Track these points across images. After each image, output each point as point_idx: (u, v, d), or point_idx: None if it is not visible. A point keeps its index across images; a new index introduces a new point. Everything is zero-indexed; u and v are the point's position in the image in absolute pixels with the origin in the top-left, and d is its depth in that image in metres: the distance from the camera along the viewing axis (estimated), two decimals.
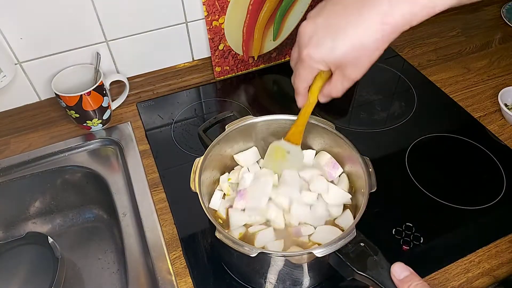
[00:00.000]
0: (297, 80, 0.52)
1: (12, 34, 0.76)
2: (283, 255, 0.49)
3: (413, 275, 0.43)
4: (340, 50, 0.45)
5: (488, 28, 1.11)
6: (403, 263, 0.44)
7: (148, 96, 0.93)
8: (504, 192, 0.72)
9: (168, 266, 0.63)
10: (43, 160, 0.80)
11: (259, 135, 0.66)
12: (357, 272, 0.46)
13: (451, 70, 0.98)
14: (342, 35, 0.44)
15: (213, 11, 0.85)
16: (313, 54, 0.47)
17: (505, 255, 0.63)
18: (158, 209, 0.71)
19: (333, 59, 0.46)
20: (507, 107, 0.85)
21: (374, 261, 0.46)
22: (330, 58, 0.46)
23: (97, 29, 0.82)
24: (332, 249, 0.46)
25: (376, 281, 0.45)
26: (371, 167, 0.56)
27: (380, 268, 0.45)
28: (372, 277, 0.45)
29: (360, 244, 0.48)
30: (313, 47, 0.47)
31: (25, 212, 0.83)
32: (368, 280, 0.46)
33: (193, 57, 0.96)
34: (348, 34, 0.44)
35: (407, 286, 0.42)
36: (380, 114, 0.87)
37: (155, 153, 0.80)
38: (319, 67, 0.48)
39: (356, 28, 0.43)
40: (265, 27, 0.92)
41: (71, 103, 0.77)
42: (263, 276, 0.54)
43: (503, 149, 0.79)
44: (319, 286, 0.60)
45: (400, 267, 0.44)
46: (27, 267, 0.75)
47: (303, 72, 0.50)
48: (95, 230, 0.86)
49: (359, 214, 0.50)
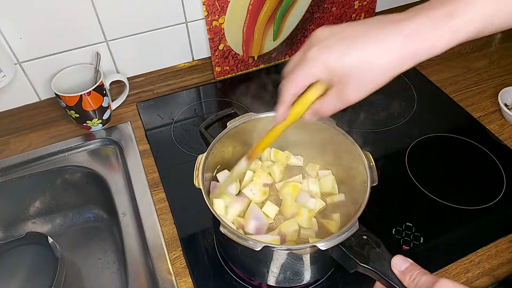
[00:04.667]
0: (288, 85, 0.45)
1: (12, 34, 0.76)
2: (287, 248, 0.49)
3: (414, 265, 0.43)
4: (351, 59, 0.41)
5: None
6: (403, 255, 0.45)
7: (148, 96, 0.93)
8: (504, 192, 0.72)
9: (168, 266, 0.63)
10: (43, 160, 0.80)
11: (260, 132, 0.66)
12: (360, 264, 0.46)
13: (451, 70, 0.98)
14: (357, 44, 0.41)
15: (213, 11, 0.85)
16: (319, 56, 0.42)
17: (505, 255, 0.63)
18: (158, 209, 0.71)
19: (340, 67, 0.41)
20: (507, 107, 0.85)
21: (376, 253, 0.47)
22: (337, 65, 0.41)
23: (97, 29, 0.82)
24: (335, 242, 0.47)
25: (379, 273, 0.45)
26: (372, 162, 0.56)
27: (383, 260, 0.46)
28: (375, 269, 0.45)
29: (362, 237, 0.48)
30: (322, 49, 0.42)
31: (25, 212, 0.83)
32: (371, 272, 0.46)
33: (193, 57, 0.96)
34: (364, 46, 0.40)
35: (409, 276, 0.43)
36: (380, 114, 0.87)
37: (155, 153, 0.80)
38: (319, 74, 0.43)
39: (374, 43, 0.40)
40: (265, 27, 0.92)
41: (71, 103, 0.77)
42: (267, 267, 0.54)
43: (503, 149, 0.79)
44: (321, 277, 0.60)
45: (400, 259, 0.45)
46: (27, 267, 0.75)
47: (299, 75, 0.44)
48: (95, 230, 0.86)
49: (361, 207, 0.50)
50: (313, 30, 0.99)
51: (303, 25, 0.97)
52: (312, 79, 0.44)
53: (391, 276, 0.44)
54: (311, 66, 0.42)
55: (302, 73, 0.43)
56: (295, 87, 0.45)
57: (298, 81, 0.44)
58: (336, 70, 0.42)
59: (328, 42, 0.42)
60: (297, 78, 0.44)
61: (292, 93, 0.45)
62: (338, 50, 0.41)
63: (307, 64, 0.43)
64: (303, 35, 0.99)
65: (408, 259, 0.44)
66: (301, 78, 0.44)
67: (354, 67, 0.41)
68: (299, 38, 0.99)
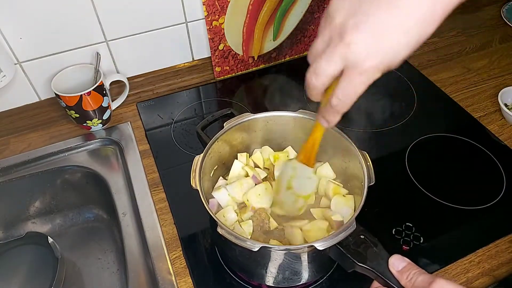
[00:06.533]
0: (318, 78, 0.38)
1: (12, 34, 0.76)
2: (285, 248, 0.49)
3: (411, 265, 0.44)
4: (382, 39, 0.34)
5: (488, 28, 1.11)
6: (400, 255, 0.45)
7: (148, 96, 0.93)
8: (504, 192, 0.71)
9: (168, 266, 0.63)
10: (43, 160, 0.80)
11: (258, 132, 0.66)
12: (358, 264, 0.47)
13: (451, 70, 0.98)
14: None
15: (213, 11, 0.85)
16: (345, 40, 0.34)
17: (505, 255, 0.63)
18: (158, 209, 0.71)
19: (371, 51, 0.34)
20: (507, 107, 0.85)
21: (374, 253, 0.47)
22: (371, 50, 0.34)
23: (97, 29, 0.82)
24: (333, 242, 0.47)
25: (377, 272, 0.45)
26: (369, 161, 0.56)
27: (380, 259, 0.46)
28: (373, 268, 0.46)
29: (360, 236, 0.48)
30: (348, 30, 0.35)
31: (25, 212, 0.83)
32: (369, 271, 0.46)
33: (193, 57, 0.96)
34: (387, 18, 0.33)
35: (406, 275, 0.43)
36: (380, 114, 0.87)
37: (155, 153, 0.80)
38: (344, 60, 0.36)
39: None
40: (265, 27, 0.92)
41: (71, 103, 0.77)
42: (265, 267, 0.54)
43: (503, 149, 0.79)
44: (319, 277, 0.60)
45: (398, 258, 0.45)
46: (27, 267, 0.75)
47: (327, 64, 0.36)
48: (95, 230, 0.86)
49: (359, 207, 0.51)
50: (313, 30, 1.00)
51: (303, 25, 0.97)
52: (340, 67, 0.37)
53: (388, 275, 0.45)
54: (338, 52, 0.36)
55: (330, 61, 0.37)
56: (326, 76, 0.38)
57: (325, 70, 0.37)
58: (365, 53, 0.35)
59: (352, 19, 0.35)
60: (325, 67, 0.37)
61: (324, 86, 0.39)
62: (365, 31, 0.34)
63: (332, 51, 0.36)
64: (303, 35, 0.99)
65: (405, 258, 0.45)
66: (328, 67, 0.37)
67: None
68: (299, 38, 0.99)
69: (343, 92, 0.37)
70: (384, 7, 0.33)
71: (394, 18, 0.33)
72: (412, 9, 0.33)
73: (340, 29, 0.35)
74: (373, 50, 0.34)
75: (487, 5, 1.17)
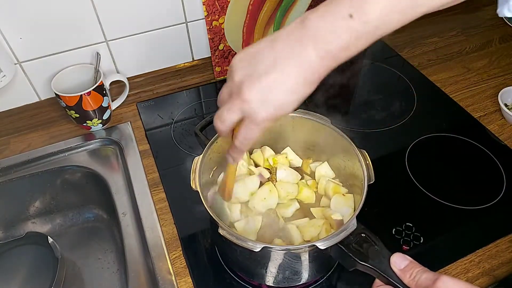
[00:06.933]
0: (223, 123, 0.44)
1: (12, 34, 0.76)
2: (286, 248, 0.49)
3: (413, 263, 0.44)
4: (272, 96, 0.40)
5: (488, 28, 1.11)
6: (402, 253, 0.45)
7: (148, 96, 0.93)
8: (504, 192, 0.71)
9: (168, 266, 0.63)
10: (43, 160, 0.80)
11: None
12: (359, 262, 0.47)
13: (451, 70, 0.98)
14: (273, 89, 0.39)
15: (213, 11, 0.85)
16: (242, 95, 0.40)
17: (505, 255, 0.63)
18: (158, 209, 0.71)
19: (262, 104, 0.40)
20: (507, 107, 0.85)
21: (375, 251, 0.47)
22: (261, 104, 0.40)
23: (97, 29, 0.82)
24: (334, 241, 0.47)
25: (379, 271, 0.45)
26: (368, 160, 0.56)
27: (382, 257, 0.46)
28: (374, 266, 0.46)
29: (361, 235, 0.49)
30: (245, 84, 0.41)
31: (25, 212, 0.83)
32: (370, 270, 0.46)
33: (193, 57, 0.96)
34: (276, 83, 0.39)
35: (409, 274, 0.43)
36: (380, 114, 0.87)
37: (155, 153, 0.80)
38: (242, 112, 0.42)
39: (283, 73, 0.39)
40: (265, 27, 0.92)
41: (71, 103, 0.77)
42: (265, 267, 0.54)
43: (503, 149, 0.79)
44: (319, 276, 0.60)
45: (400, 257, 0.45)
46: (27, 267, 0.75)
47: (228, 113, 0.43)
48: (95, 230, 0.86)
49: (359, 205, 0.51)
50: None
51: None
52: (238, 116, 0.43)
53: (390, 274, 0.45)
54: (236, 104, 0.42)
55: (231, 111, 0.43)
56: (228, 122, 0.44)
57: (228, 118, 0.43)
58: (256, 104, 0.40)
59: (248, 77, 0.41)
60: (227, 116, 0.43)
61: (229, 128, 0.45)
62: (257, 89, 0.40)
63: (232, 103, 0.42)
64: None
65: (407, 256, 0.45)
66: (229, 116, 0.43)
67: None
68: None
69: (243, 136, 0.44)
70: (273, 71, 0.39)
71: (281, 80, 0.39)
72: (296, 74, 0.39)
73: (238, 87, 0.41)
74: (265, 106, 0.40)
75: (487, 5, 1.17)
